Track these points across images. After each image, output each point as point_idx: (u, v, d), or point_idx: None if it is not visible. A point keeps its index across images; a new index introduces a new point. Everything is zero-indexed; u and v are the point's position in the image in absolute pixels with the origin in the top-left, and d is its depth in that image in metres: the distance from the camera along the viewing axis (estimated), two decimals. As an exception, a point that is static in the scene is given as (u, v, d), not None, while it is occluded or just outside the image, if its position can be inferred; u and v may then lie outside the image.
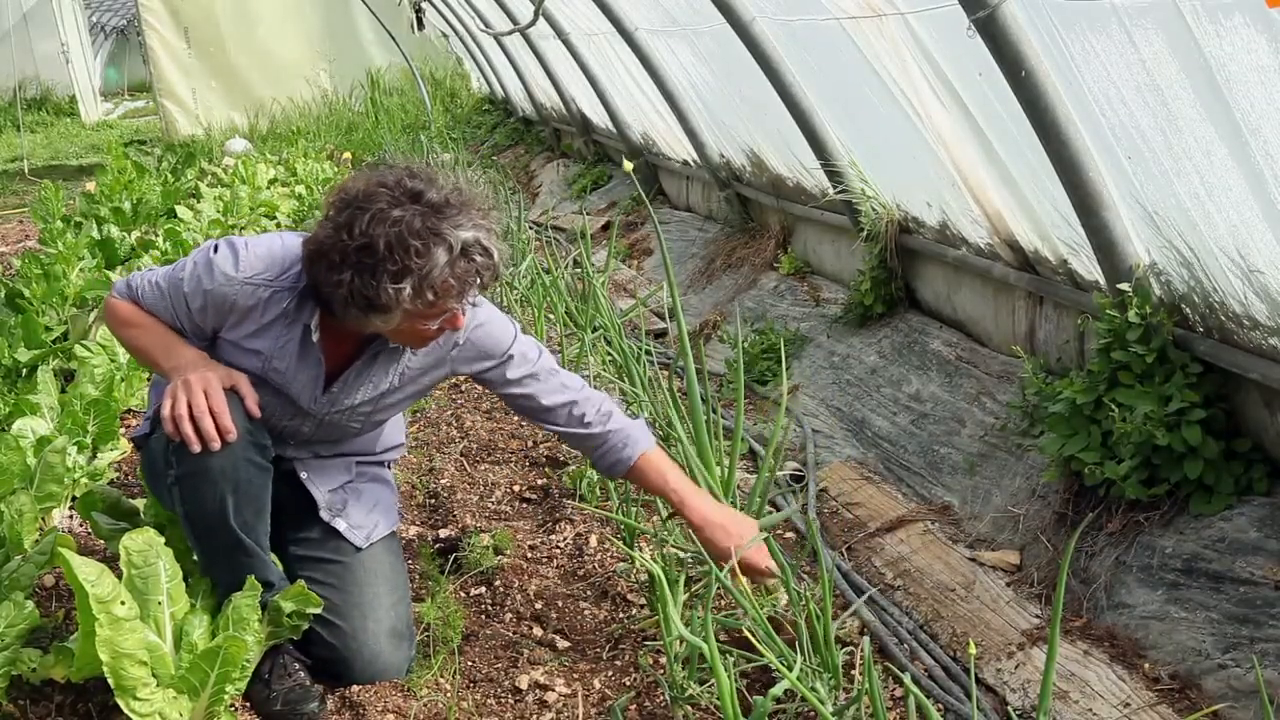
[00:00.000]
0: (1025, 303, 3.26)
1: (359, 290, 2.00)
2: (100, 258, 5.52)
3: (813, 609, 2.18)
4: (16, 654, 2.14)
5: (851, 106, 3.93)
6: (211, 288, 2.16)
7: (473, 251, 2.02)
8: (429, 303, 2.02)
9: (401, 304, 2.00)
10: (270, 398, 2.24)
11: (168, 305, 2.21)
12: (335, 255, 2.01)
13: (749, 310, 4.72)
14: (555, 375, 2.40)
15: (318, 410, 2.30)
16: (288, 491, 2.36)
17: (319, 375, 2.25)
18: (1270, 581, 2.13)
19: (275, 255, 2.17)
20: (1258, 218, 2.15)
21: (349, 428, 2.38)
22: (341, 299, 2.04)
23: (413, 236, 1.97)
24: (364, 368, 2.29)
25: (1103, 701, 2.10)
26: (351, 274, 1.99)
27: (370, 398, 2.33)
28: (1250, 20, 1.91)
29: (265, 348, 2.20)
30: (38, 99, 20.33)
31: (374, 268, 1.98)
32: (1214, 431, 2.40)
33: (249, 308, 2.17)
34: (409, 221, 1.98)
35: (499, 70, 11.59)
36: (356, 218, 2.00)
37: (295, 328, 2.19)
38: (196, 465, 2.09)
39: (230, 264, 2.15)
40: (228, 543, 2.15)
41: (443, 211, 2.01)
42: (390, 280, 1.97)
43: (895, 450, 3.31)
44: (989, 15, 2.45)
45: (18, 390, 3.73)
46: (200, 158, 10.66)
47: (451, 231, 2.00)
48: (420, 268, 1.98)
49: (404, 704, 2.26)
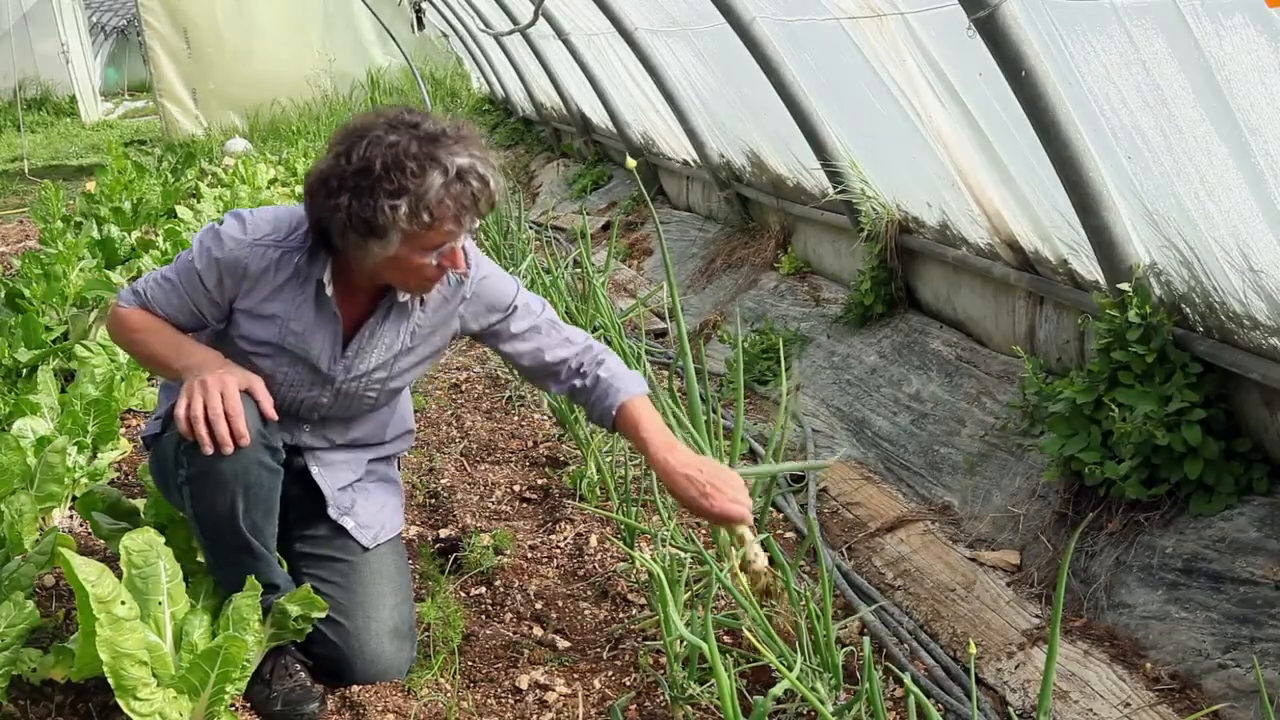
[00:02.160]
0: (1025, 303, 3.26)
1: (356, 212, 2.03)
2: (100, 258, 5.52)
3: (813, 609, 2.18)
4: (17, 654, 2.14)
5: (851, 106, 3.93)
6: (222, 255, 2.16)
7: (468, 176, 2.06)
8: (425, 224, 2.05)
9: (398, 223, 2.02)
10: (289, 367, 2.25)
11: (180, 294, 2.20)
12: (334, 181, 2.05)
13: (749, 310, 4.72)
14: (558, 329, 2.41)
15: (336, 374, 2.29)
16: (296, 489, 2.36)
17: (336, 332, 2.25)
18: (1270, 581, 2.13)
19: (281, 218, 2.21)
20: (1258, 217, 2.15)
21: (365, 399, 2.37)
22: (340, 224, 2.06)
23: (408, 158, 2.02)
24: (377, 325, 2.29)
25: (1103, 701, 2.10)
26: (349, 196, 2.03)
27: (384, 360, 2.32)
28: (1250, 20, 1.91)
29: (281, 310, 2.21)
30: (38, 99, 20.33)
31: (371, 188, 2.01)
32: (1214, 431, 2.41)
33: (261, 270, 2.17)
34: (405, 145, 2.03)
35: (499, 70, 11.59)
36: (355, 144, 2.05)
37: (309, 286, 2.21)
38: (207, 466, 2.09)
39: (238, 229, 2.18)
40: (236, 544, 2.15)
41: (439, 139, 2.06)
42: (387, 198, 2.01)
43: (895, 450, 3.32)
44: (989, 15, 2.45)
45: (18, 390, 3.73)
46: (200, 158, 10.66)
47: (447, 157, 2.04)
48: (416, 187, 2.01)
49: (404, 704, 2.27)
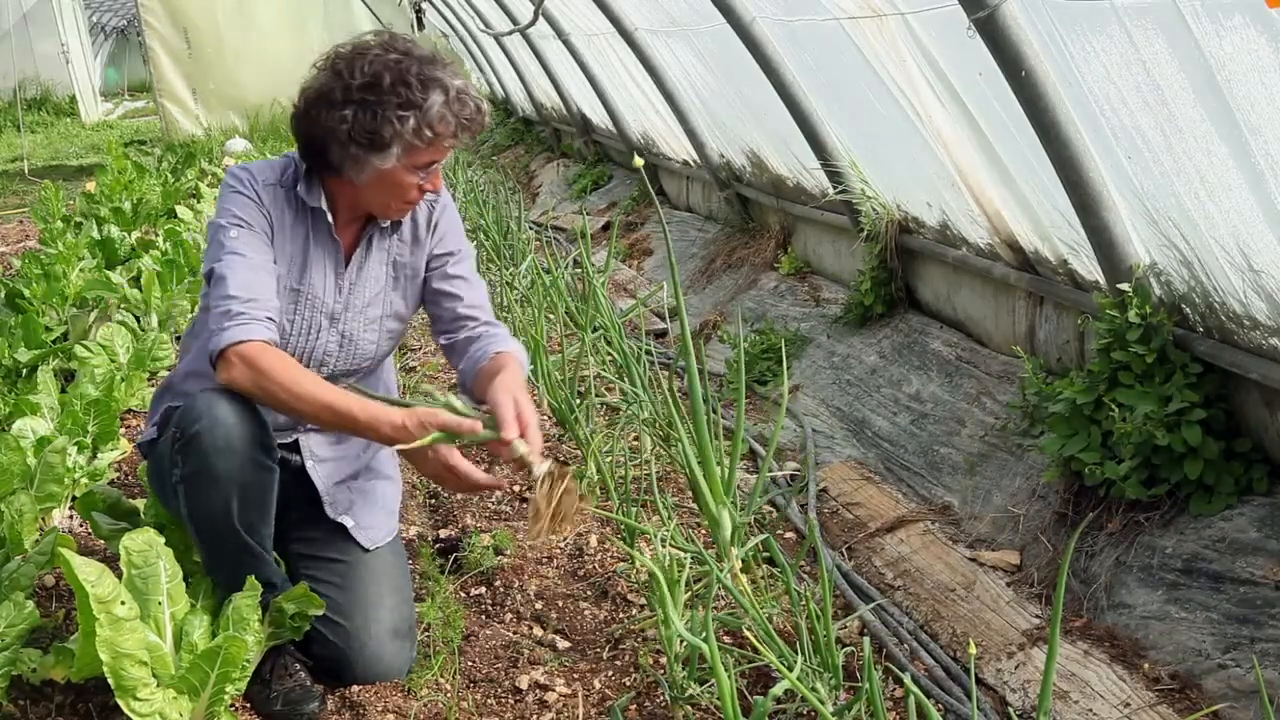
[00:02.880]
0: (1025, 303, 3.26)
1: (362, 125, 2.09)
2: (100, 258, 5.52)
3: (813, 609, 2.18)
4: (17, 654, 2.14)
5: (851, 106, 3.93)
6: (257, 199, 2.22)
7: (464, 96, 2.15)
8: (427, 139, 2.13)
9: (403, 135, 2.10)
10: (298, 313, 2.29)
11: (267, 268, 2.18)
12: (337, 94, 2.11)
13: (749, 310, 4.72)
14: (479, 285, 2.49)
15: (339, 310, 2.33)
16: (293, 489, 2.36)
17: (338, 258, 2.31)
18: (1270, 581, 2.13)
19: (273, 163, 2.30)
20: (1258, 217, 2.15)
21: (366, 341, 2.39)
22: (343, 136, 2.11)
23: (413, 76, 2.11)
24: (364, 256, 2.35)
25: (1103, 701, 2.10)
26: (355, 109, 2.10)
27: (377, 293, 2.38)
28: (1250, 20, 1.91)
29: (291, 249, 2.27)
30: (38, 99, 20.32)
31: (378, 102, 2.09)
32: (1214, 431, 2.41)
33: (275, 210, 2.24)
34: (408, 65, 2.12)
35: (499, 70, 11.59)
36: (356, 61, 2.12)
37: (306, 217, 2.28)
38: (202, 466, 2.09)
39: (247, 175, 2.25)
40: (232, 544, 2.15)
41: (433, 63, 2.16)
42: (395, 110, 2.09)
43: (895, 450, 3.32)
44: (989, 15, 2.45)
45: (18, 390, 3.73)
46: (200, 158, 10.65)
47: (445, 77, 2.14)
48: (421, 102, 2.10)
49: (404, 704, 2.26)
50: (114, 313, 4.60)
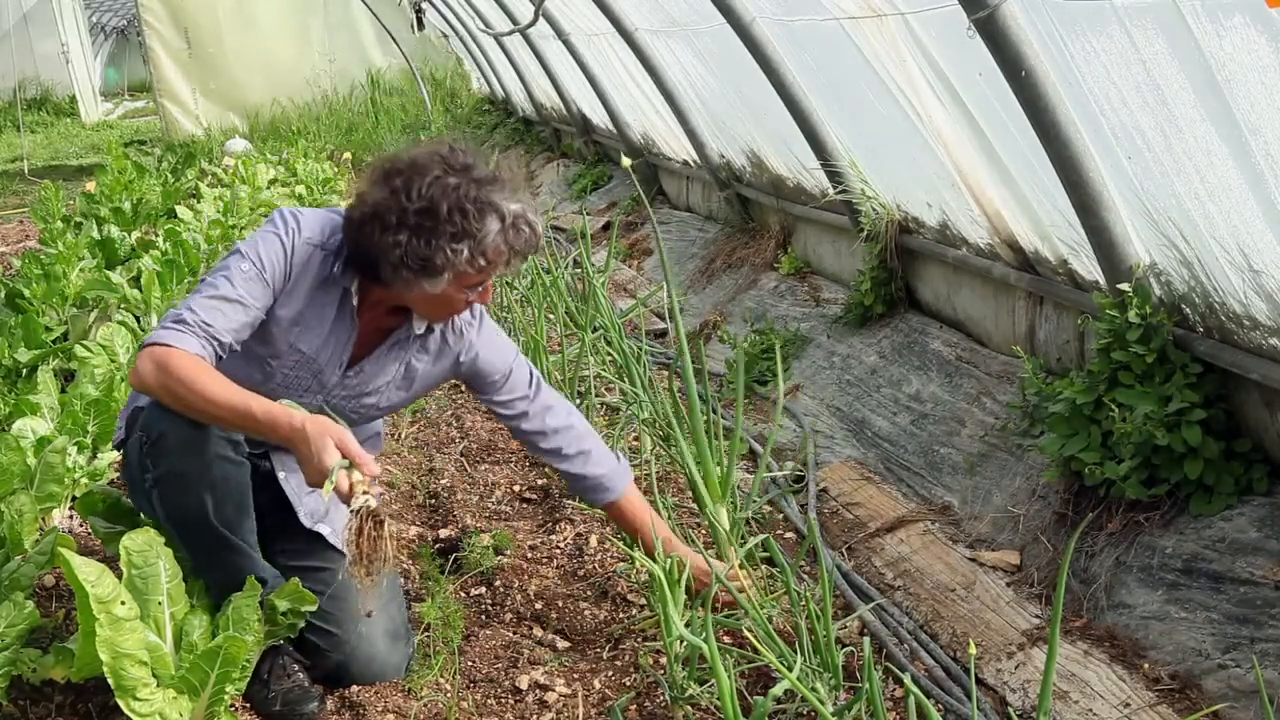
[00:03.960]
0: (1025, 303, 3.26)
1: (415, 251, 2.06)
2: (100, 258, 5.52)
3: (813, 609, 2.18)
4: (17, 654, 2.14)
5: (851, 106, 3.93)
6: (290, 250, 2.17)
7: (520, 223, 2.12)
8: (480, 268, 2.11)
9: (456, 267, 2.08)
10: (293, 369, 2.25)
11: (244, 305, 2.11)
12: (392, 216, 2.07)
13: (749, 310, 4.72)
14: (545, 398, 2.48)
15: (334, 387, 2.30)
16: (266, 496, 2.32)
17: (349, 343, 2.26)
18: (1270, 581, 2.13)
19: (323, 220, 2.23)
20: (1258, 217, 2.15)
21: (348, 416, 2.36)
22: (395, 260, 2.08)
23: (470, 203, 2.07)
24: (384, 353, 2.32)
25: (1103, 702, 2.10)
26: (409, 235, 2.06)
27: (380, 386, 2.35)
28: (1250, 20, 1.91)
29: (305, 311, 2.22)
30: (38, 99, 20.33)
31: (433, 229, 2.05)
32: (1214, 431, 2.40)
33: (302, 269, 2.19)
34: (465, 189, 2.07)
35: (499, 70, 11.59)
36: (414, 182, 2.07)
37: (334, 290, 2.22)
38: (172, 467, 2.08)
39: (294, 225, 2.20)
40: (212, 542, 2.14)
41: (492, 184, 2.11)
42: (449, 241, 2.06)
43: (895, 450, 3.31)
44: (989, 15, 2.45)
45: (18, 390, 3.73)
46: (200, 158, 10.66)
47: (503, 202, 2.10)
48: (477, 232, 2.07)
49: (404, 704, 2.26)
50: (114, 313, 4.60)
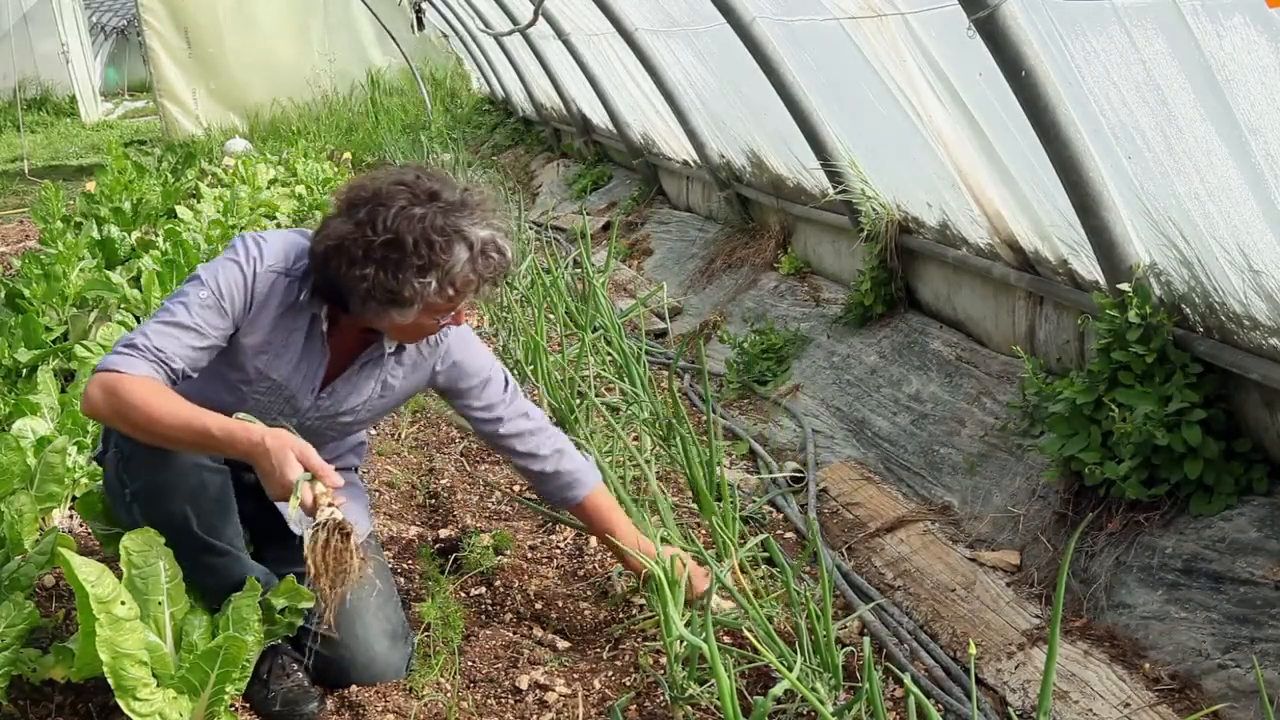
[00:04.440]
0: (1025, 303, 3.26)
1: (382, 284, 2.03)
2: (100, 258, 5.52)
3: (813, 609, 2.18)
4: (17, 654, 2.14)
5: (851, 106, 3.93)
6: (248, 279, 2.13)
7: (489, 249, 2.09)
8: (449, 298, 2.08)
9: (425, 298, 2.05)
10: (264, 395, 2.23)
11: (199, 334, 2.07)
12: (358, 250, 2.04)
13: (749, 310, 4.72)
14: (519, 403, 2.47)
15: (307, 408, 2.28)
16: (254, 508, 2.31)
17: (321, 368, 2.24)
18: (1270, 581, 2.13)
19: (290, 246, 2.19)
20: (1258, 217, 2.15)
21: (324, 435, 2.36)
22: (363, 293, 2.06)
23: (436, 233, 2.03)
24: (355, 373, 2.30)
25: (1103, 702, 2.10)
26: (375, 268, 2.03)
27: (354, 406, 2.33)
28: (1250, 20, 1.91)
29: (273, 339, 2.19)
30: (38, 99, 20.32)
31: (399, 262, 2.02)
32: (1214, 431, 2.40)
33: (265, 297, 2.15)
34: (431, 219, 2.03)
35: (499, 70, 11.59)
36: (379, 213, 2.04)
37: (302, 317, 2.19)
38: (150, 480, 2.08)
39: (256, 252, 2.16)
40: (198, 549, 2.13)
41: (460, 210, 2.07)
42: (416, 274, 2.03)
43: (895, 450, 3.31)
44: (989, 15, 2.45)
45: (18, 390, 3.72)
46: (200, 158, 10.65)
47: (470, 229, 2.07)
48: (444, 263, 2.04)
49: (404, 704, 2.26)
50: (114, 313, 4.60)
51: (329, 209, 2.16)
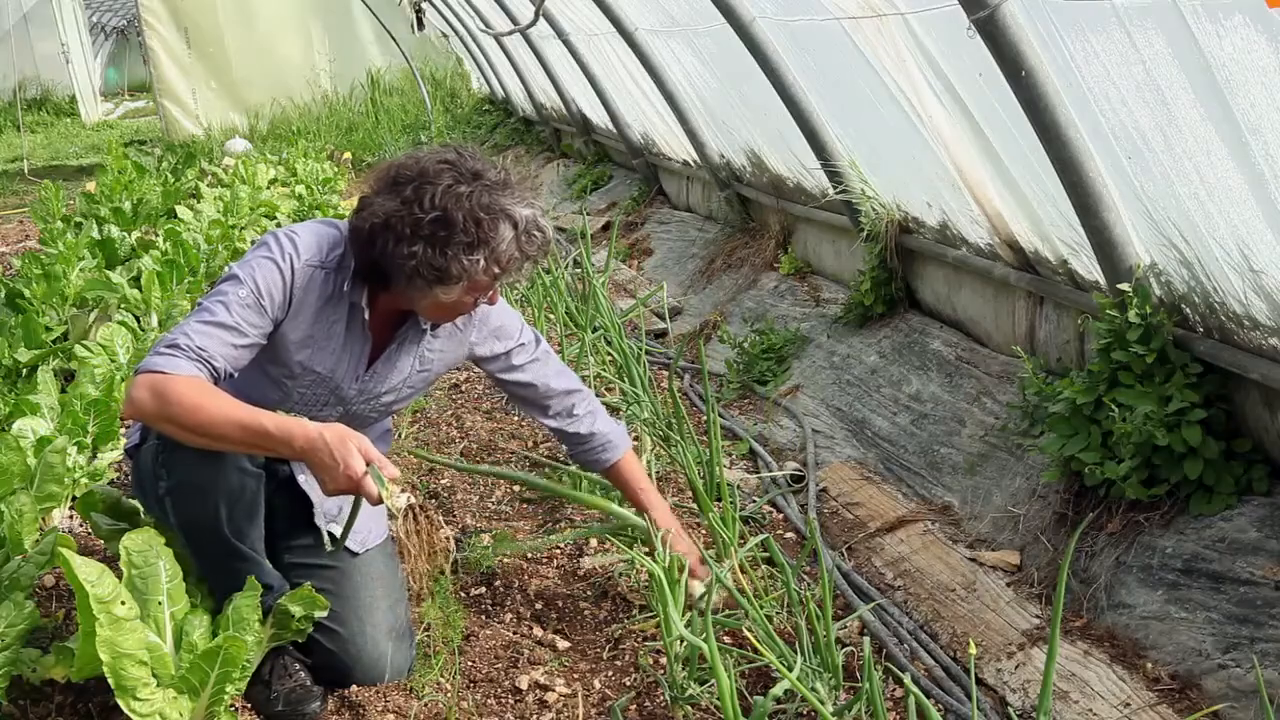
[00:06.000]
0: (1025, 303, 3.26)
1: (429, 261, 2.04)
2: (100, 258, 5.52)
3: (813, 609, 2.18)
4: (17, 654, 2.14)
5: (851, 107, 3.93)
6: (286, 276, 2.13)
7: (532, 228, 2.11)
8: (494, 275, 2.11)
9: (472, 275, 2.07)
10: (309, 387, 2.25)
11: (240, 332, 2.06)
12: (405, 228, 2.04)
13: (749, 310, 4.72)
14: (554, 362, 2.52)
15: (353, 395, 2.30)
16: (281, 497, 2.34)
17: (364, 354, 2.26)
18: (1270, 581, 2.13)
19: (321, 238, 2.19)
20: (1258, 218, 2.15)
21: (368, 419, 2.39)
22: (409, 270, 2.06)
23: (483, 211, 2.05)
24: (395, 352, 2.32)
25: (1103, 702, 2.10)
26: (424, 245, 2.04)
27: (396, 384, 2.35)
28: (1250, 20, 1.91)
29: (315, 331, 2.19)
30: (38, 99, 20.33)
31: (447, 239, 2.04)
32: (1214, 432, 2.41)
33: (304, 291, 2.15)
34: (478, 197, 2.05)
35: (499, 70, 11.59)
36: (425, 190, 2.04)
37: (342, 306, 2.20)
38: (187, 476, 2.08)
39: (291, 249, 2.15)
40: (223, 551, 2.15)
41: (503, 189, 2.09)
42: (465, 251, 2.04)
43: (895, 450, 3.31)
44: (989, 15, 2.45)
45: (18, 390, 3.73)
46: (200, 158, 10.66)
47: (514, 208, 2.09)
48: (492, 241, 2.06)
49: (404, 704, 2.27)
50: (114, 313, 4.60)
51: (366, 189, 2.16)
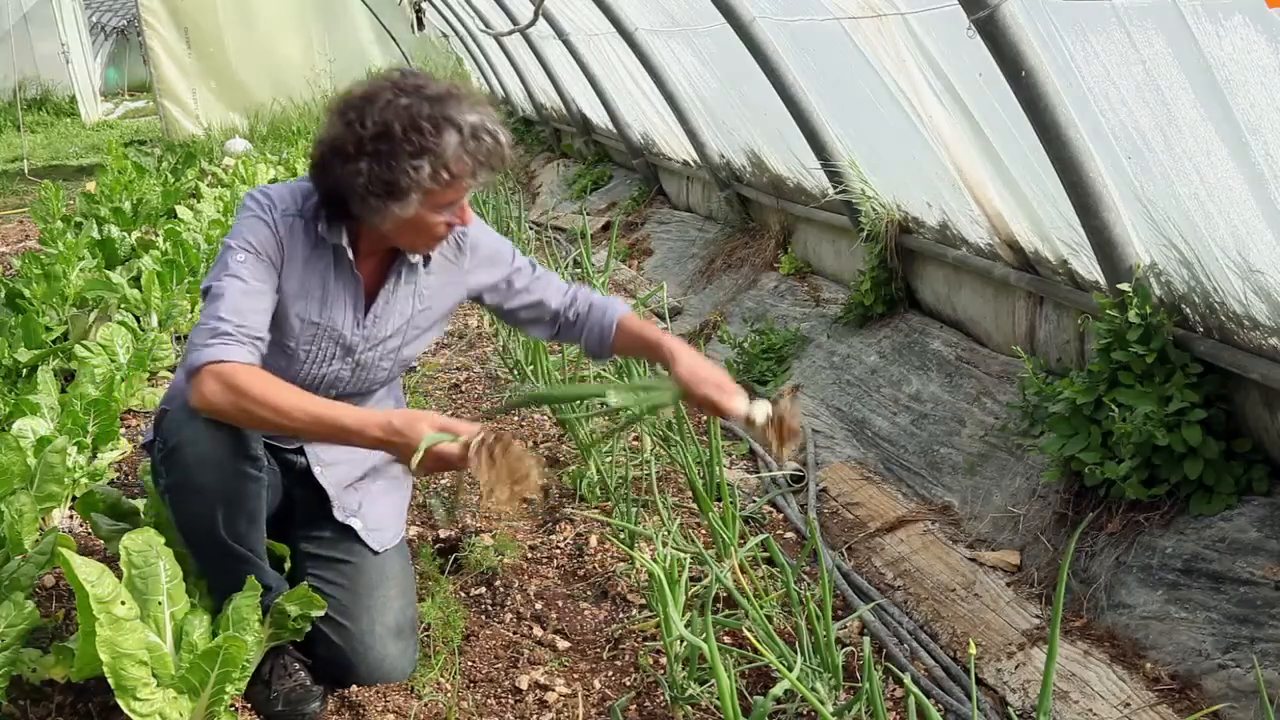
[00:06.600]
0: (1025, 303, 3.26)
1: (378, 176, 2.05)
2: (100, 258, 5.52)
3: (813, 609, 2.18)
4: (17, 654, 2.14)
5: (851, 107, 3.93)
6: (272, 229, 2.15)
7: (480, 133, 2.09)
8: (445, 182, 2.08)
9: (421, 184, 2.06)
10: (313, 343, 2.24)
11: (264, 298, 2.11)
12: (350, 146, 2.06)
13: (749, 310, 4.72)
14: (554, 279, 2.50)
15: (358, 344, 2.30)
16: (301, 490, 2.36)
17: (358, 294, 2.26)
18: (1270, 581, 2.13)
19: (294, 190, 2.22)
20: (1258, 218, 2.15)
21: (380, 369, 2.37)
22: (360, 189, 2.06)
23: (424, 119, 2.04)
24: (391, 292, 2.31)
25: (1103, 702, 2.10)
26: (369, 161, 2.04)
27: (400, 326, 2.34)
28: (1250, 20, 1.91)
29: (309, 282, 2.20)
30: (38, 99, 20.32)
31: (391, 151, 2.04)
32: (1214, 432, 2.41)
33: (290, 242, 2.17)
34: (418, 107, 2.05)
35: (499, 70, 11.59)
36: (366, 110, 2.06)
37: (327, 253, 2.21)
38: (184, 478, 2.08)
39: (268, 200, 2.18)
40: (219, 552, 2.15)
41: (446, 99, 2.09)
42: (409, 159, 2.04)
43: (895, 450, 3.31)
44: (989, 15, 2.45)
45: (18, 390, 3.72)
46: (200, 158, 10.65)
47: (458, 115, 2.08)
48: (435, 147, 2.04)
49: (405, 704, 2.27)
50: (114, 313, 4.60)
51: (321, 127, 2.18)
